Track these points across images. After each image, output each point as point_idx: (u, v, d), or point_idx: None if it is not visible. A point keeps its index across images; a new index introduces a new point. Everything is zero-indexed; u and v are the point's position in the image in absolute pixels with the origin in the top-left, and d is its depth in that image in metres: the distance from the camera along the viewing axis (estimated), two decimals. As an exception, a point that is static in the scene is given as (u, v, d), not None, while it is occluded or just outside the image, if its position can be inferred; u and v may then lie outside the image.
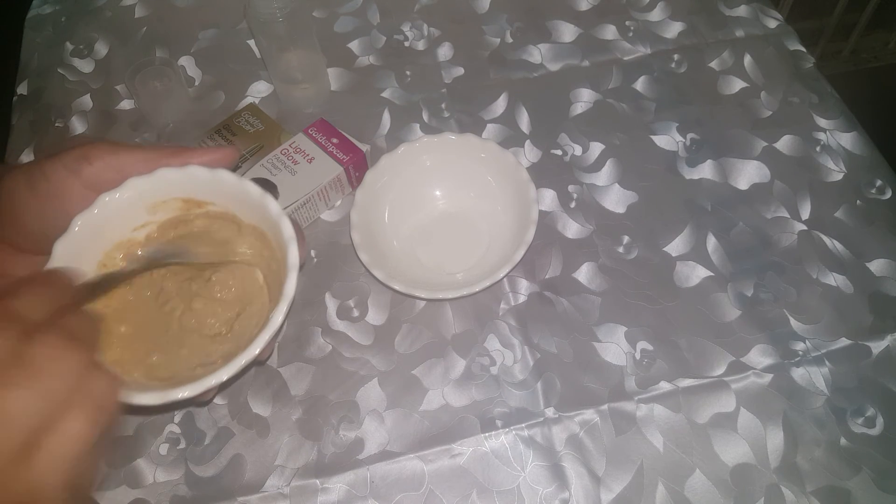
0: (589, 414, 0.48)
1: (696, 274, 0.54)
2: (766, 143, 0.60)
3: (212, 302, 0.36)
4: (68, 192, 0.32)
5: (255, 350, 0.30)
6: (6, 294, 0.26)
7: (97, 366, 0.26)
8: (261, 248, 0.36)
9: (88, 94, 0.66)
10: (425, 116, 0.63)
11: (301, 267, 0.33)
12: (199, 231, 0.36)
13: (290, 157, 0.55)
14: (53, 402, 0.24)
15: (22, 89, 0.67)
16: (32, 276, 0.28)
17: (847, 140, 0.60)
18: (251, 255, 0.37)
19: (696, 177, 0.59)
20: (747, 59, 0.65)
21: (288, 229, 0.33)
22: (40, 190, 0.32)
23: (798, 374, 0.49)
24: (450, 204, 0.57)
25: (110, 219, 0.33)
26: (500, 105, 0.63)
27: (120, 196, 0.33)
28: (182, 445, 0.48)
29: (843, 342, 0.51)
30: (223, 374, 0.30)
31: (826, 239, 0.55)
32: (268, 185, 0.54)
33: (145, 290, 0.36)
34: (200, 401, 0.38)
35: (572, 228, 0.56)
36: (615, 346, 0.51)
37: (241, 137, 0.60)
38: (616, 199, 0.58)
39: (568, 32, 0.68)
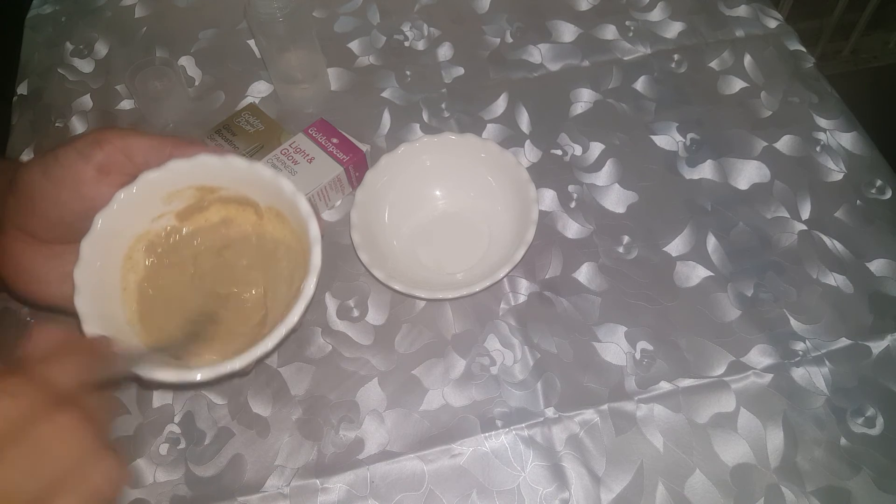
0: (589, 414, 0.48)
1: (696, 274, 0.54)
2: (766, 143, 0.60)
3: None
4: (81, 177, 0.33)
5: (294, 318, 0.32)
6: (42, 360, 0.26)
7: (105, 450, 0.26)
8: (281, 227, 0.37)
9: (88, 94, 0.66)
10: (425, 116, 0.63)
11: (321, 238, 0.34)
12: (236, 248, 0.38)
13: (290, 157, 0.55)
14: (48, 484, 0.24)
15: (22, 89, 0.67)
16: (69, 341, 0.28)
17: (847, 140, 0.60)
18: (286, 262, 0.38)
19: (696, 177, 0.59)
20: (747, 59, 0.65)
21: (305, 206, 0.34)
22: (55, 175, 0.33)
23: (798, 374, 0.49)
24: (450, 204, 0.57)
25: (129, 213, 0.35)
26: (500, 105, 0.63)
27: (136, 190, 0.34)
28: (182, 445, 0.48)
29: (843, 342, 0.51)
30: (269, 343, 0.32)
31: (826, 239, 0.55)
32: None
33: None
34: (243, 373, 0.39)
35: (572, 228, 0.56)
36: (615, 346, 0.51)
37: (241, 137, 0.60)
38: (616, 199, 0.58)
39: (568, 32, 0.68)
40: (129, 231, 0.36)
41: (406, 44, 0.68)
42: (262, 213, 0.37)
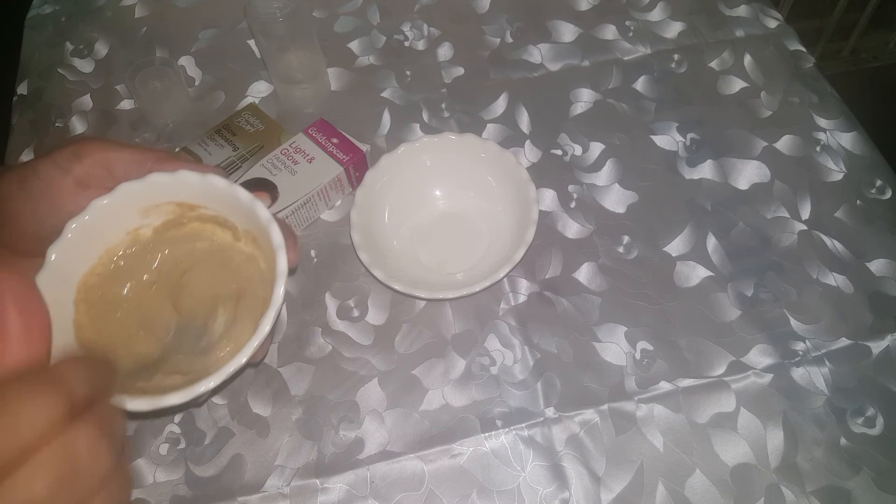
0: (589, 414, 0.48)
1: (696, 274, 0.54)
2: (766, 143, 0.60)
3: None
4: (59, 190, 0.32)
5: (242, 359, 0.31)
6: (54, 366, 0.24)
7: (122, 464, 0.25)
8: (256, 252, 0.36)
9: (88, 94, 0.66)
10: (425, 116, 0.63)
11: (293, 272, 0.33)
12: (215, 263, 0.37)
13: (290, 157, 0.55)
14: (79, 499, 0.22)
15: (22, 89, 0.67)
16: (70, 359, 0.27)
17: (847, 140, 0.60)
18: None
19: (696, 177, 0.59)
20: (747, 59, 0.65)
21: (277, 236, 0.33)
22: (32, 189, 0.32)
23: (798, 374, 0.49)
24: (450, 204, 0.57)
25: (103, 223, 0.34)
26: (500, 105, 0.63)
27: (112, 201, 0.33)
28: (182, 445, 0.48)
29: (843, 342, 0.51)
30: (211, 382, 0.30)
31: (826, 239, 0.55)
32: (268, 185, 0.54)
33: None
34: (193, 405, 0.38)
35: (572, 228, 0.56)
36: (615, 346, 0.51)
37: (241, 137, 0.60)
38: (616, 199, 0.58)
39: (568, 32, 0.68)
40: (102, 241, 0.34)
41: (406, 44, 0.68)
42: (239, 236, 0.36)
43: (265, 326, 0.31)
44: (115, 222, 0.34)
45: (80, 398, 0.23)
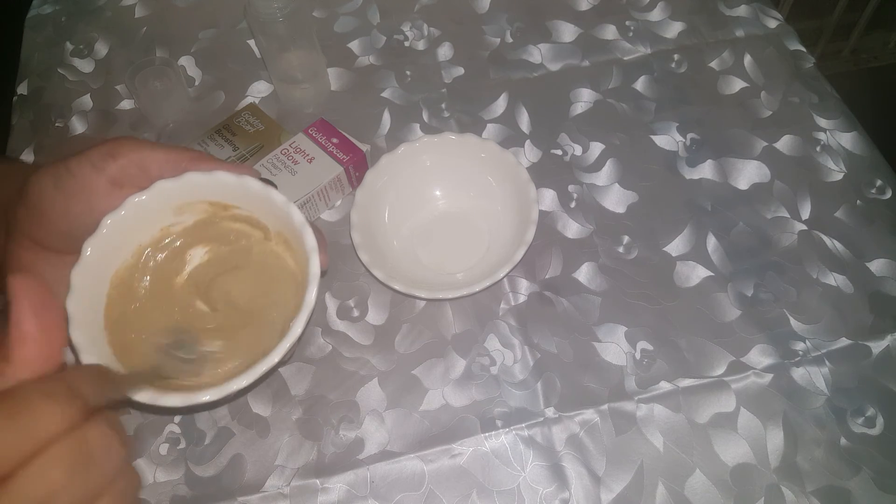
0: (589, 414, 0.48)
1: (696, 274, 0.54)
2: (766, 143, 0.60)
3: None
4: (93, 189, 0.33)
5: (274, 358, 0.31)
6: (67, 372, 0.25)
7: (130, 465, 0.26)
8: (285, 252, 0.37)
9: (88, 94, 0.66)
10: (425, 116, 0.63)
11: (324, 274, 0.33)
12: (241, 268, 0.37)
13: (290, 157, 0.55)
14: (93, 491, 0.24)
15: (22, 89, 0.67)
16: (80, 367, 0.27)
17: (847, 140, 0.60)
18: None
19: (696, 177, 0.59)
20: (747, 59, 0.65)
21: (310, 239, 0.33)
22: (66, 187, 0.33)
23: (798, 374, 0.49)
24: (450, 204, 0.57)
25: (138, 220, 0.34)
26: (500, 105, 0.63)
27: (148, 198, 0.33)
28: (182, 445, 0.48)
29: (843, 342, 0.51)
30: (243, 381, 0.31)
31: (826, 239, 0.55)
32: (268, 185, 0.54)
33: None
34: (223, 402, 0.38)
35: (572, 228, 0.56)
36: (615, 346, 0.51)
37: (241, 137, 0.60)
38: (616, 199, 0.58)
39: (568, 32, 0.68)
40: (136, 237, 0.35)
41: (406, 44, 0.68)
42: (271, 237, 0.37)
43: (297, 328, 0.32)
44: (149, 219, 0.35)
45: (91, 402, 0.24)
